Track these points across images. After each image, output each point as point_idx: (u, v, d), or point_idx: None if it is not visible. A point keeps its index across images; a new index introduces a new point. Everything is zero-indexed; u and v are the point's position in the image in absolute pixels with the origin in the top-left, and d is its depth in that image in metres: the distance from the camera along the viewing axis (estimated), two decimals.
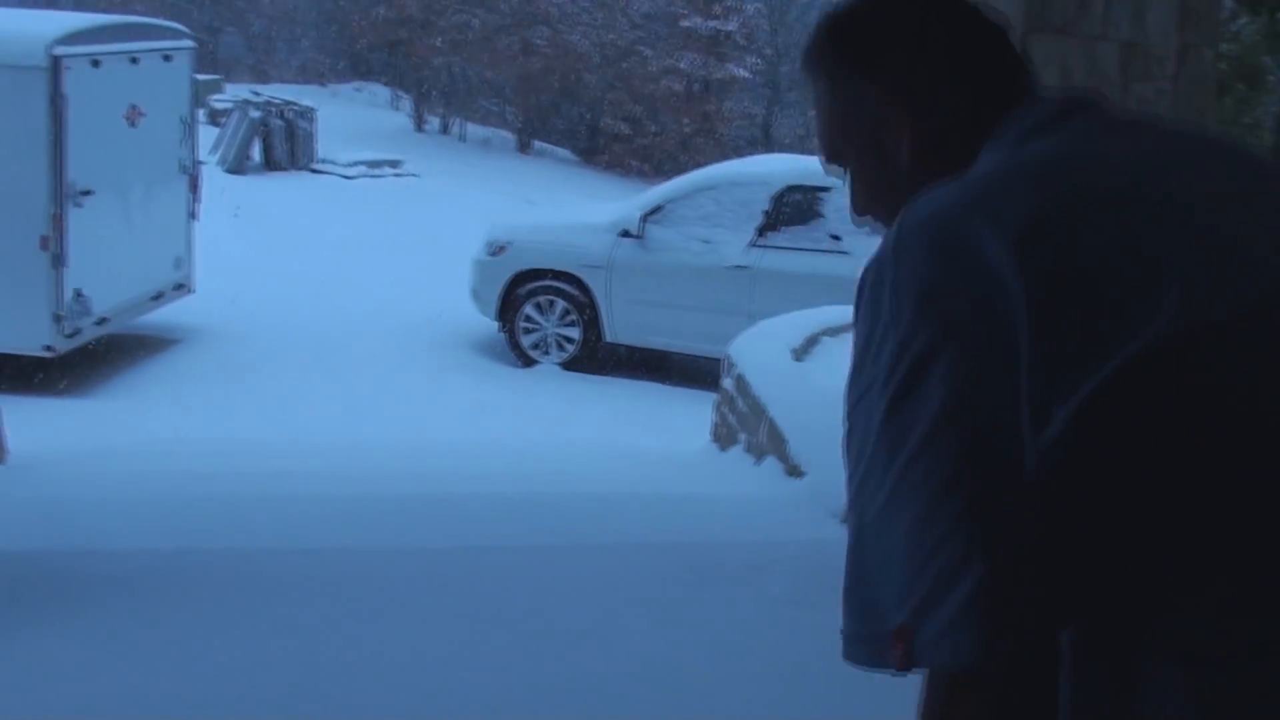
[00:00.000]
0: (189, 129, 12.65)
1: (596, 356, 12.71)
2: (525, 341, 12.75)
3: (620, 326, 12.53)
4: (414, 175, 23.76)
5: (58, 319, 10.60)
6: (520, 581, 5.25)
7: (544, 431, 9.80)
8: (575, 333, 12.66)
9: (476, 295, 12.98)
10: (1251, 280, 1.38)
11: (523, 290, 12.67)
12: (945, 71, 1.63)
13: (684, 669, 4.61)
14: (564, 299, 12.61)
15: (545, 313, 12.70)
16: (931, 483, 1.34)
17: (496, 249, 12.85)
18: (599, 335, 12.63)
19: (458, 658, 4.55)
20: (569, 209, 14.66)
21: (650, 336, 12.57)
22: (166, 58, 12.19)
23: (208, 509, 5.95)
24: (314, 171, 23.23)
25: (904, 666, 1.38)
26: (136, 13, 22.60)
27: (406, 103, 31.90)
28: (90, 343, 11.23)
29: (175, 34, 12.96)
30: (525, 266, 12.69)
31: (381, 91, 34.32)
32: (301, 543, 5.53)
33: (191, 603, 4.80)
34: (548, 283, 12.64)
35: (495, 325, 12.88)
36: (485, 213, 15.23)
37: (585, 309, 12.56)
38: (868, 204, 1.70)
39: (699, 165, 16.72)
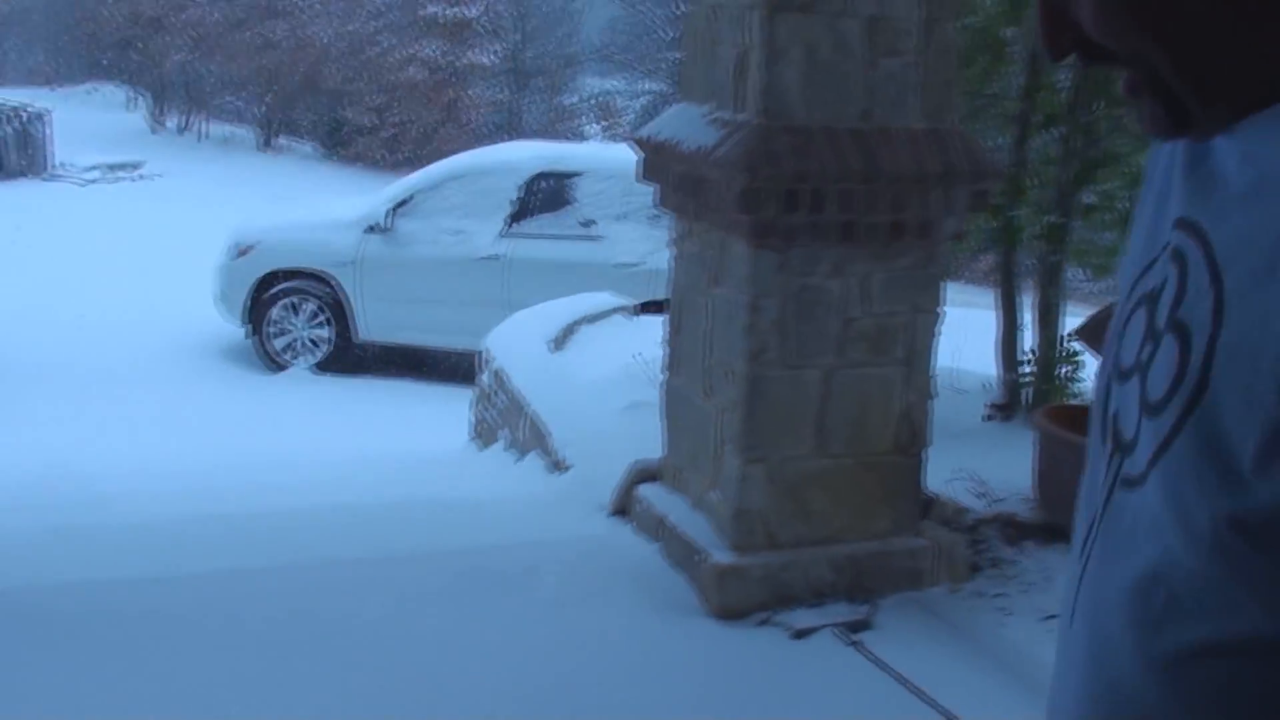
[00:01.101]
0: None
1: (350, 356, 12.40)
2: (275, 345, 12.36)
3: (372, 324, 12.23)
4: (154, 177, 23.11)
5: None
6: (263, 606, 5.01)
7: (295, 440, 9.48)
8: (326, 333, 12.32)
9: (222, 300, 12.53)
10: None
11: (270, 292, 12.28)
12: None
13: (450, 685, 4.45)
14: (313, 299, 12.26)
15: (294, 314, 12.33)
16: None
17: (241, 251, 12.43)
18: (351, 334, 12.31)
19: (206, 687, 4.31)
20: (315, 205, 14.27)
21: (404, 333, 12.30)
22: None
23: None
24: (50, 178, 22.39)
25: None
26: None
27: (143, 102, 30.93)
28: None
29: None
30: (271, 268, 12.30)
31: (117, 92, 33.24)
32: (39, 579, 5.20)
33: None
34: (295, 283, 12.27)
35: (243, 331, 12.45)
36: (229, 213, 14.77)
37: (335, 308, 12.23)
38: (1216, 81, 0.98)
39: (447, 154, 16.46)
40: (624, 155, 10.24)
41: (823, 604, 5.14)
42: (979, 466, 6.16)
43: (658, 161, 5.45)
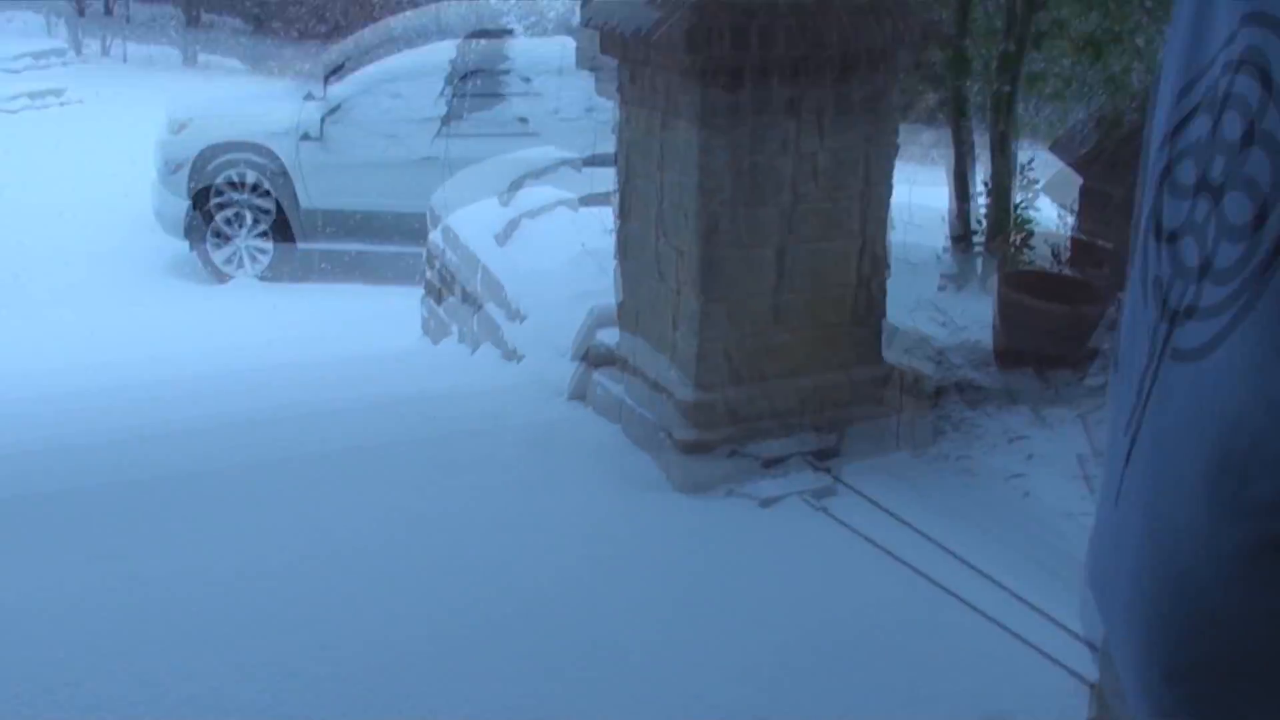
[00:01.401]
0: None
1: (293, 264, 12.26)
2: (217, 257, 12.21)
3: (315, 193, 12.02)
4: (79, 102, 22.74)
5: None
6: (238, 500, 5.02)
7: (247, 347, 9.40)
8: (268, 244, 12.18)
9: (163, 181, 12.27)
10: None
11: (211, 204, 12.10)
12: None
13: (420, 559, 4.46)
14: (253, 171, 12.03)
15: (235, 226, 12.17)
16: None
17: (178, 126, 12.27)
18: (293, 239, 12.16)
19: (191, 584, 4.31)
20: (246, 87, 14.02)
21: (349, 199, 12.08)
22: None
23: None
24: None
25: None
26: None
27: (61, 28, 30.40)
28: None
29: None
30: (210, 141, 12.07)
31: (34, 19, 32.62)
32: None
33: None
34: (235, 155, 12.04)
35: (184, 230, 12.25)
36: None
37: (278, 222, 12.06)
38: None
39: (373, 22, 16.10)
40: (555, 48, 10.25)
41: (789, 435, 5.19)
42: (935, 333, 6.20)
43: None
